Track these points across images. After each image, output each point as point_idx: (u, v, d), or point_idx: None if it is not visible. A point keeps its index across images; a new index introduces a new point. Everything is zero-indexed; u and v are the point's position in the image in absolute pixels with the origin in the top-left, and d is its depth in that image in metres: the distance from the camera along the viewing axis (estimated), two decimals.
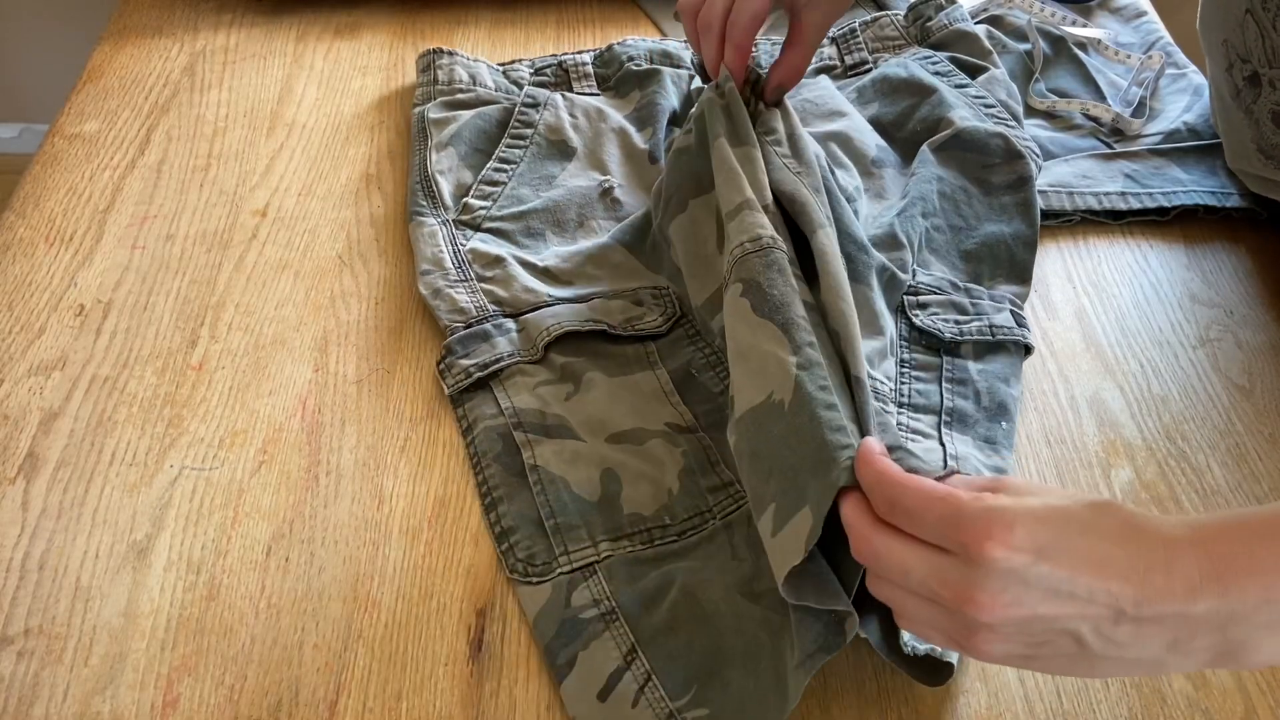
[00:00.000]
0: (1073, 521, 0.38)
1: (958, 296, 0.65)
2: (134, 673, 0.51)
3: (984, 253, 0.68)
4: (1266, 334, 0.68)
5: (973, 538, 0.37)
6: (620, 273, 0.68)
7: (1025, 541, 0.37)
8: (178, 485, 0.58)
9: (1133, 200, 0.74)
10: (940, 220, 0.69)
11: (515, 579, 0.54)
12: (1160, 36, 0.87)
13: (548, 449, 0.59)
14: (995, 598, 0.37)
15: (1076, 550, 0.37)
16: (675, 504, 0.57)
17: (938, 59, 0.79)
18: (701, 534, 0.56)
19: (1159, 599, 0.37)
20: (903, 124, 0.75)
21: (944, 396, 0.61)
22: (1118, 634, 0.38)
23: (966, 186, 0.71)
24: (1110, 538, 0.38)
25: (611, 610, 0.53)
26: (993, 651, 0.39)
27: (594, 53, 0.82)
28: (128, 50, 0.86)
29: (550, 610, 0.53)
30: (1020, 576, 0.37)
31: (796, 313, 0.52)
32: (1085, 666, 0.40)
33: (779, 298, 0.53)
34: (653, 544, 0.56)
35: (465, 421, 0.61)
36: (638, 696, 0.49)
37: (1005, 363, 0.63)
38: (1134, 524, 0.38)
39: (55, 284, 0.68)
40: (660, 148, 0.75)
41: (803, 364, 0.49)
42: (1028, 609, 0.38)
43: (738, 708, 0.49)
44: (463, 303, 0.66)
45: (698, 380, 0.63)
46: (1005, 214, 0.70)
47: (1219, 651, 0.38)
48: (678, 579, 0.53)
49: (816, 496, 0.44)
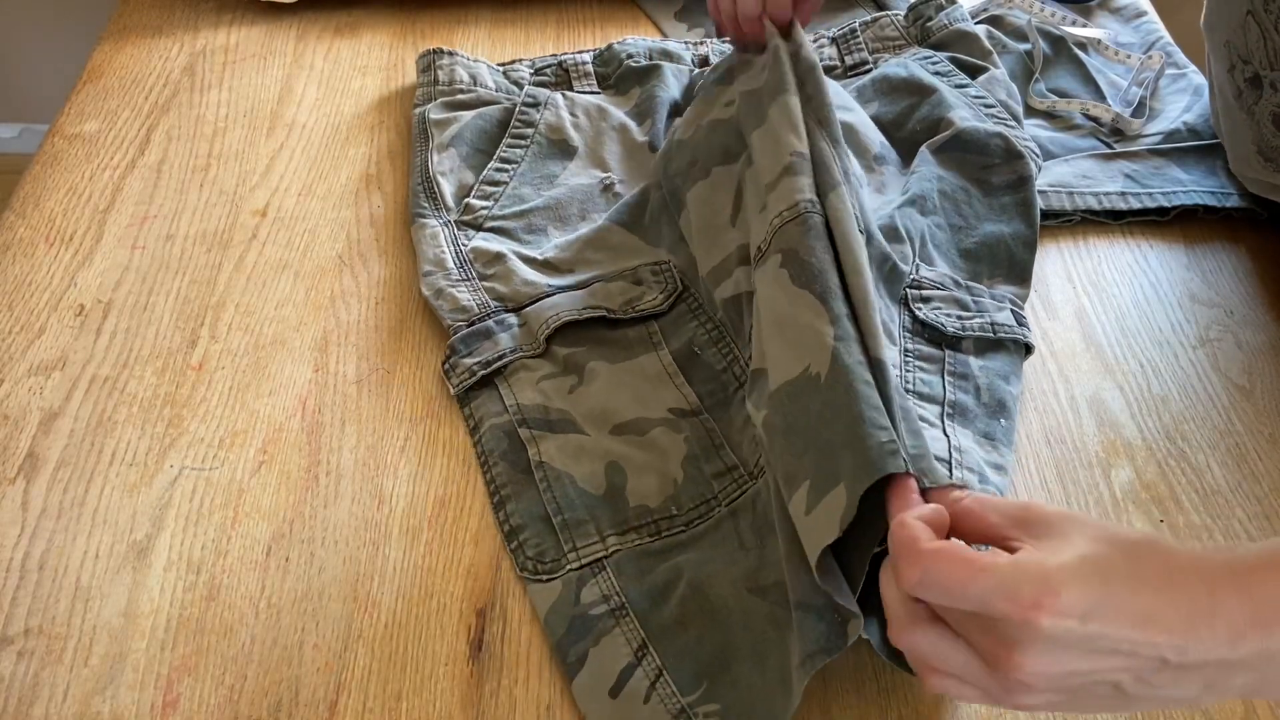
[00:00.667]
0: (1114, 575, 0.37)
1: (959, 293, 0.65)
2: (134, 673, 0.51)
3: (983, 252, 0.68)
4: (1266, 334, 0.68)
5: (1018, 609, 0.36)
6: (619, 253, 0.69)
7: (1072, 607, 0.36)
8: (178, 485, 0.58)
9: (1133, 200, 0.74)
10: (940, 219, 0.69)
11: (525, 577, 0.54)
12: (1160, 36, 0.87)
13: (552, 444, 0.59)
14: (1038, 660, 0.37)
15: (1122, 607, 0.37)
16: (681, 493, 0.57)
17: (938, 59, 0.79)
18: (708, 522, 0.56)
19: (1203, 647, 0.37)
20: (902, 124, 0.75)
21: (946, 389, 0.61)
22: (1158, 680, 0.38)
23: (966, 186, 0.71)
24: (1152, 586, 0.37)
25: (621, 606, 0.53)
26: (1030, 703, 0.39)
27: (594, 52, 0.82)
28: (128, 50, 0.86)
29: (560, 608, 0.53)
30: (1065, 641, 0.37)
31: (833, 280, 0.52)
32: (1120, 706, 0.40)
33: (816, 266, 0.53)
34: (660, 535, 0.56)
35: (472, 420, 0.61)
36: (649, 693, 0.50)
37: (1005, 361, 0.63)
38: (1175, 566, 0.38)
39: (55, 284, 0.68)
40: (660, 136, 0.75)
41: (840, 335, 0.49)
42: (1070, 667, 0.37)
43: (747, 703, 0.49)
44: (465, 301, 0.66)
45: (701, 358, 0.63)
46: (1005, 214, 0.70)
47: (1253, 689, 0.39)
48: (685, 573, 0.53)
49: (852, 475, 0.44)
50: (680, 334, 0.65)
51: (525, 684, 0.51)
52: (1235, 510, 0.59)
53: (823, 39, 0.84)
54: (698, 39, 0.85)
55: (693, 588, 0.53)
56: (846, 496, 0.44)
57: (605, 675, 0.50)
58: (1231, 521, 0.58)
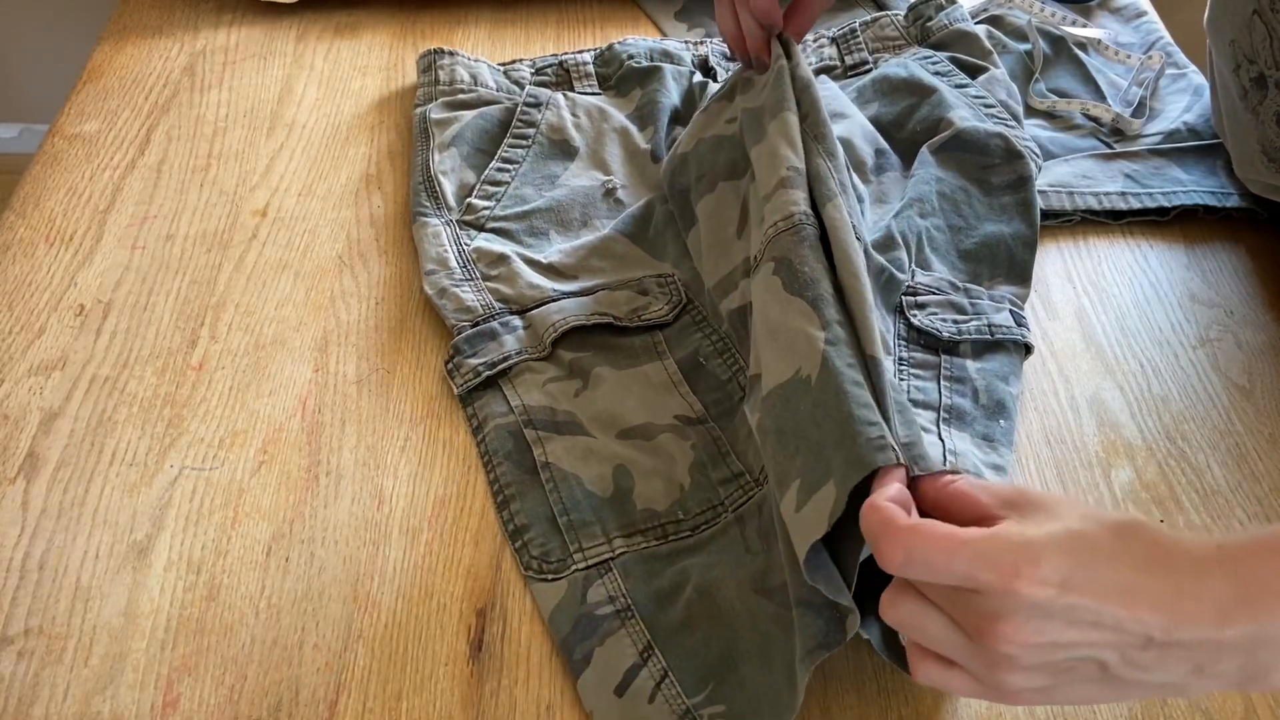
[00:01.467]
0: (1099, 550, 0.37)
1: (956, 297, 0.65)
2: (134, 673, 0.51)
3: (983, 253, 0.68)
4: (1267, 334, 0.68)
5: (998, 576, 0.37)
6: (624, 263, 0.69)
7: (1052, 574, 0.36)
8: (178, 485, 0.58)
9: (1133, 200, 0.74)
10: (939, 220, 0.69)
11: (530, 576, 0.54)
12: (1160, 36, 0.87)
13: (559, 446, 0.59)
14: (1019, 628, 0.37)
15: (1104, 579, 0.37)
16: (687, 499, 0.57)
17: (938, 59, 0.79)
18: (714, 528, 0.56)
19: (1189, 625, 0.37)
20: (903, 124, 0.75)
21: (942, 394, 0.61)
22: (1143, 659, 0.37)
23: (966, 187, 0.71)
24: (1137, 564, 0.37)
25: (627, 608, 0.53)
26: (1015, 684, 0.39)
27: (594, 52, 0.82)
28: (128, 50, 0.86)
29: (565, 607, 0.53)
30: (1046, 609, 0.37)
31: (825, 289, 0.52)
32: (1108, 692, 0.40)
33: (809, 274, 0.53)
34: (666, 539, 0.56)
35: (475, 420, 0.61)
36: (654, 693, 0.50)
37: (1004, 361, 0.63)
38: (1161, 546, 0.38)
39: (55, 284, 0.68)
40: (662, 146, 0.75)
41: (831, 340, 0.50)
42: (1052, 637, 0.37)
43: (753, 704, 0.49)
44: (469, 301, 0.66)
45: (706, 368, 0.63)
46: (1005, 214, 0.70)
47: (1244, 675, 0.38)
48: (692, 577, 0.54)
49: (842, 472, 0.44)
50: (685, 344, 0.65)
51: (525, 684, 0.51)
52: (1235, 510, 0.59)
53: (823, 39, 0.84)
54: (698, 39, 0.85)
55: (699, 591, 0.53)
56: (836, 492, 0.44)
57: (610, 673, 0.50)
58: (1231, 521, 0.58)
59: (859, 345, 0.51)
